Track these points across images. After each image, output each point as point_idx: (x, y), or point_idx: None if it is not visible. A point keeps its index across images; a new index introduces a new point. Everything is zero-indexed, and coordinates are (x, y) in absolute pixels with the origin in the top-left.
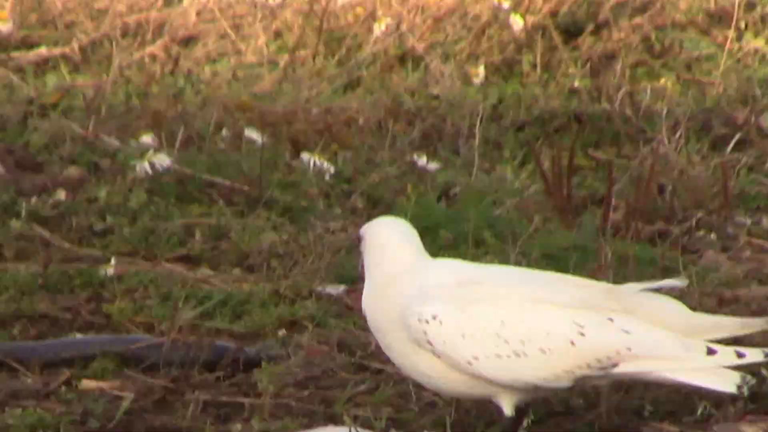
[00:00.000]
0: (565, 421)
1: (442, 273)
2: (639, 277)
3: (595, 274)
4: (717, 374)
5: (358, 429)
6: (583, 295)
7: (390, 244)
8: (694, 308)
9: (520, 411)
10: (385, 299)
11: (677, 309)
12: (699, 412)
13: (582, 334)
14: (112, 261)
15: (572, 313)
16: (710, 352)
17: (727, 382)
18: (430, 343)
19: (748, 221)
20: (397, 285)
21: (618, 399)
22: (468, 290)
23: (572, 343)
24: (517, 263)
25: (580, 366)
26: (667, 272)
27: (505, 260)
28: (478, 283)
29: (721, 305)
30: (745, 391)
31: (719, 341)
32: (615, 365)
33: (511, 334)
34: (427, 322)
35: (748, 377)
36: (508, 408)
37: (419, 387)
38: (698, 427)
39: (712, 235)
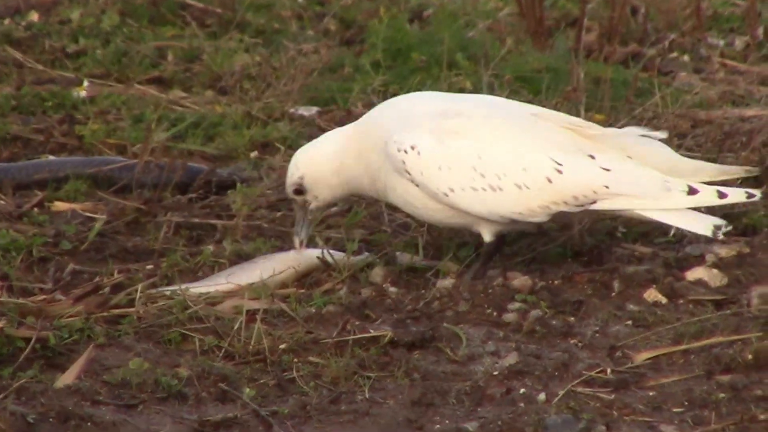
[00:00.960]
0: (537, 242)
1: (422, 103)
2: (612, 99)
3: (568, 96)
4: (694, 216)
5: (330, 251)
6: (564, 137)
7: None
8: (668, 129)
9: (500, 238)
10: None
11: (662, 151)
12: (671, 233)
13: (559, 172)
14: (85, 83)
15: (551, 149)
16: (692, 191)
17: (703, 225)
18: (408, 172)
19: (722, 43)
20: (377, 127)
21: (590, 221)
22: (449, 122)
23: (549, 180)
24: (490, 85)
25: (556, 202)
26: (641, 94)
27: (477, 82)
28: (461, 115)
29: (694, 127)
30: (721, 235)
31: None
32: (593, 202)
33: (487, 168)
34: (406, 152)
35: (725, 222)
36: (487, 235)
37: (392, 209)
38: (671, 249)
39: (686, 57)
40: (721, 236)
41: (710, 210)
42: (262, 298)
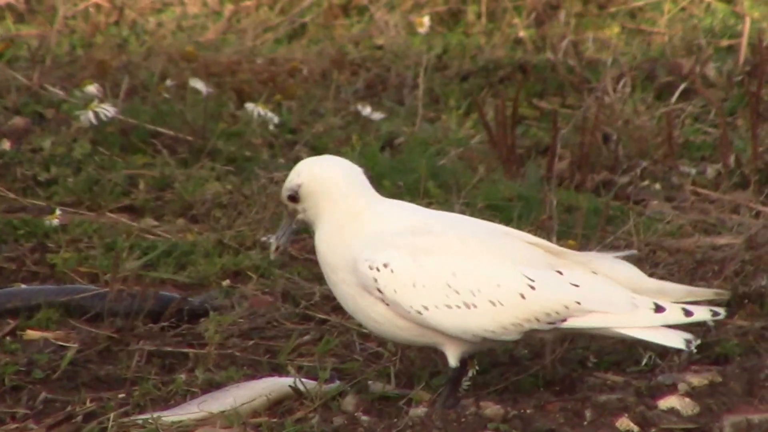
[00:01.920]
0: (509, 371)
1: (395, 218)
2: (585, 227)
3: (541, 225)
4: (665, 331)
5: (303, 379)
6: (532, 254)
7: (340, 186)
8: (640, 259)
9: (464, 362)
10: (339, 242)
11: (627, 270)
12: (644, 362)
13: (532, 288)
14: (57, 211)
15: (523, 266)
16: (658, 309)
17: (675, 339)
18: (380, 290)
19: (693, 171)
20: (351, 227)
21: (563, 350)
22: (421, 239)
23: (522, 296)
24: (461, 213)
25: (528, 319)
26: (613, 222)
27: (449, 210)
28: (432, 233)
29: (666, 255)
30: (693, 348)
31: None
32: (564, 320)
33: (461, 285)
34: (378, 270)
35: (695, 336)
36: (453, 359)
37: (364, 337)
38: (643, 377)
39: (657, 185)
40: (693, 349)
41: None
42: (234, 427)
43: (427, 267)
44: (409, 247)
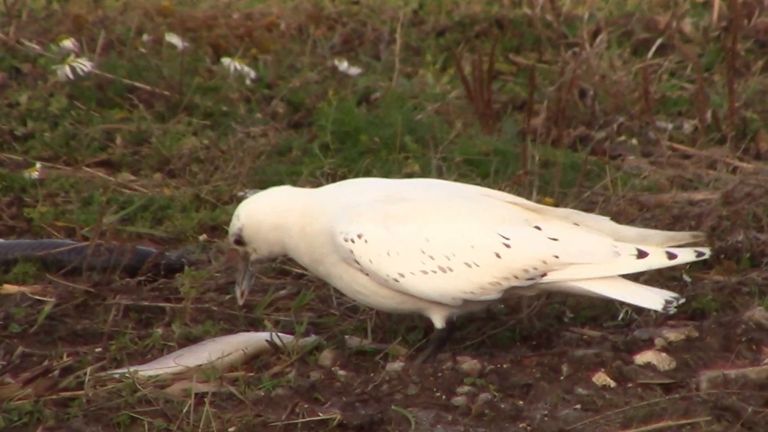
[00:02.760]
0: (486, 326)
1: (366, 190)
2: (562, 183)
3: (519, 180)
4: (645, 290)
5: (279, 334)
6: (509, 212)
7: (278, 210)
8: (617, 214)
9: (452, 323)
10: (312, 233)
11: (605, 222)
12: (620, 317)
13: (507, 246)
14: (37, 165)
15: (497, 225)
16: (641, 255)
17: (653, 300)
18: (357, 261)
19: (670, 126)
20: (319, 212)
21: (539, 304)
22: (393, 207)
23: (498, 255)
24: (438, 168)
25: (507, 278)
26: (590, 177)
27: (426, 165)
28: (403, 200)
29: (643, 211)
30: (672, 310)
31: None
32: (543, 275)
33: (435, 250)
34: (353, 241)
35: (677, 296)
36: (439, 321)
37: (340, 292)
38: (619, 332)
39: (634, 140)
40: (673, 310)
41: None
42: (211, 381)
43: (400, 234)
44: (381, 216)
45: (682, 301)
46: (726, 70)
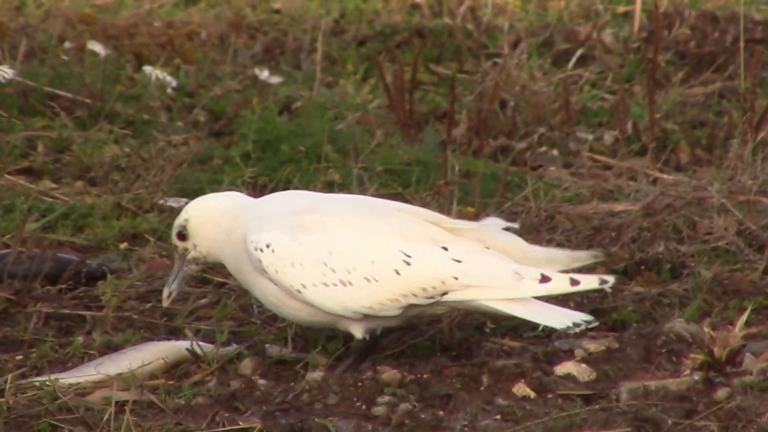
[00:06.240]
0: (406, 335)
1: (279, 202)
2: (483, 194)
3: (440, 190)
4: (551, 311)
5: (200, 342)
6: (418, 229)
7: (226, 209)
8: (536, 225)
9: (375, 336)
10: (236, 240)
11: (516, 241)
12: (540, 327)
13: (408, 263)
14: None
15: (401, 242)
16: (544, 279)
17: (556, 319)
18: (265, 271)
19: (590, 137)
20: (240, 220)
21: (460, 315)
22: (301, 218)
23: (397, 272)
24: (359, 178)
25: (405, 295)
26: (511, 188)
27: (347, 175)
28: (312, 212)
29: (564, 221)
30: (577, 331)
31: None
32: (444, 294)
33: (337, 263)
34: (262, 250)
35: (589, 320)
36: (359, 332)
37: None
38: (540, 343)
39: (555, 151)
40: (576, 331)
41: (581, 303)
42: (131, 389)
43: (305, 246)
44: (289, 227)
45: (594, 324)
46: (647, 81)
